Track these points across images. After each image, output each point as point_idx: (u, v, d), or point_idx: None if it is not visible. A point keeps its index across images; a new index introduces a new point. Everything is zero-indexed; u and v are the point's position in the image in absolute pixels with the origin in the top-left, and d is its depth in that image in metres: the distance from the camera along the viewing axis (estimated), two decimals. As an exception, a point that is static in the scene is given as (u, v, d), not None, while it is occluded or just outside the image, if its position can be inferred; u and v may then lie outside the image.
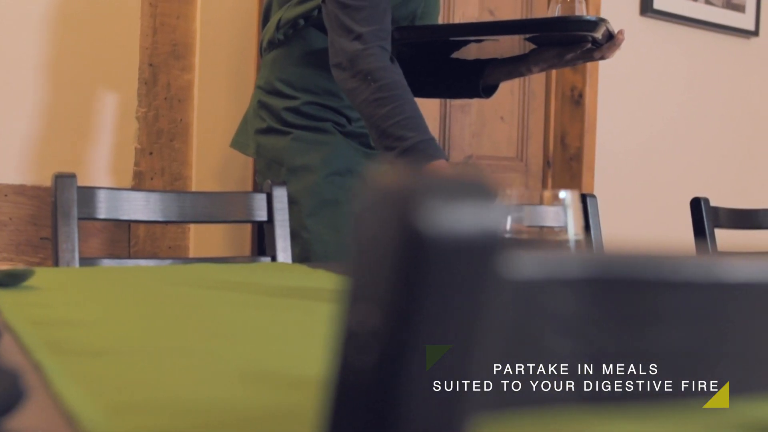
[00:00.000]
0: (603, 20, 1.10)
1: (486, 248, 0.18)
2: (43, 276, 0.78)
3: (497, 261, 0.18)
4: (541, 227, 0.73)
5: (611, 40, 1.13)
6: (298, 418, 0.39)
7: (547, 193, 0.73)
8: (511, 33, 1.18)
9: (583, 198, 1.51)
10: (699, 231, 1.64)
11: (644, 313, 0.19)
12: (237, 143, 1.50)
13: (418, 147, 1.04)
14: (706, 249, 1.62)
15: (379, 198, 0.19)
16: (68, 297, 0.70)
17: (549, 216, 0.76)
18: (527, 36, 1.17)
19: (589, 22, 1.10)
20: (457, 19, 2.34)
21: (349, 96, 1.13)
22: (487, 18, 2.43)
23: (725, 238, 1.70)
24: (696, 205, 1.66)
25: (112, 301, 0.70)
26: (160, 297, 0.73)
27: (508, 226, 0.78)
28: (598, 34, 1.10)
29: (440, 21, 2.31)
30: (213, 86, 1.85)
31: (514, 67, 1.27)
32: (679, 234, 2.33)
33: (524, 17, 2.47)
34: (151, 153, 1.79)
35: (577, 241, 0.71)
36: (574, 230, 0.71)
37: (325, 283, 0.88)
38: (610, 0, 2.48)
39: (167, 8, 1.78)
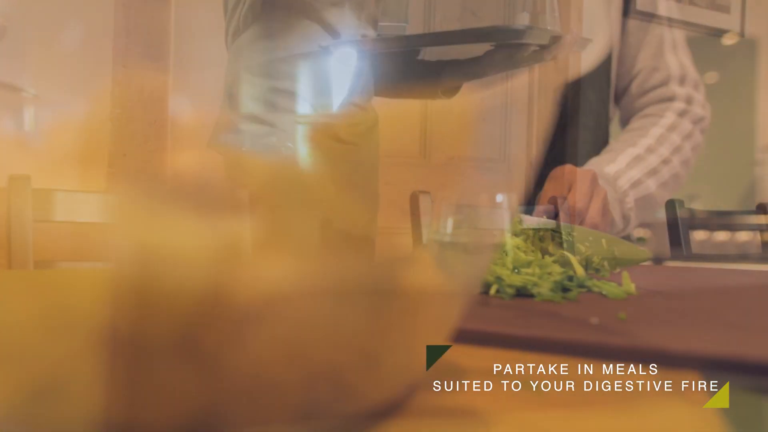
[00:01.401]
0: (530, 28, 1.14)
1: (224, 265, 0.17)
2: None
3: (238, 279, 0.17)
4: (480, 229, 0.72)
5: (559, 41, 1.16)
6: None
7: (484, 196, 0.72)
8: (444, 44, 1.22)
9: (554, 200, 1.49)
10: (673, 232, 1.64)
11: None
12: (213, 142, 1.49)
13: None
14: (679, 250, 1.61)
15: (118, 216, 0.18)
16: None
17: (493, 218, 0.75)
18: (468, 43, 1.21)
19: (516, 31, 1.15)
20: (438, 19, 2.33)
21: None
22: (469, 18, 2.42)
23: (701, 239, 1.69)
24: (671, 206, 1.65)
25: (38, 305, 0.69)
26: (93, 299, 0.73)
27: (448, 228, 0.77)
28: (530, 41, 1.14)
29: (421, 21, 2.30)
30: (188, 88, 1.84)
31: (470, 68, 1.27)
32: (660, 233, 2.32)
33: (508, 20, 2.46)
34: (125, 155, 1.78)
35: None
36: (510, 233, 0.70)
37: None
38: (594, 1, 2.47)
39: (141, 9, 1.77)
